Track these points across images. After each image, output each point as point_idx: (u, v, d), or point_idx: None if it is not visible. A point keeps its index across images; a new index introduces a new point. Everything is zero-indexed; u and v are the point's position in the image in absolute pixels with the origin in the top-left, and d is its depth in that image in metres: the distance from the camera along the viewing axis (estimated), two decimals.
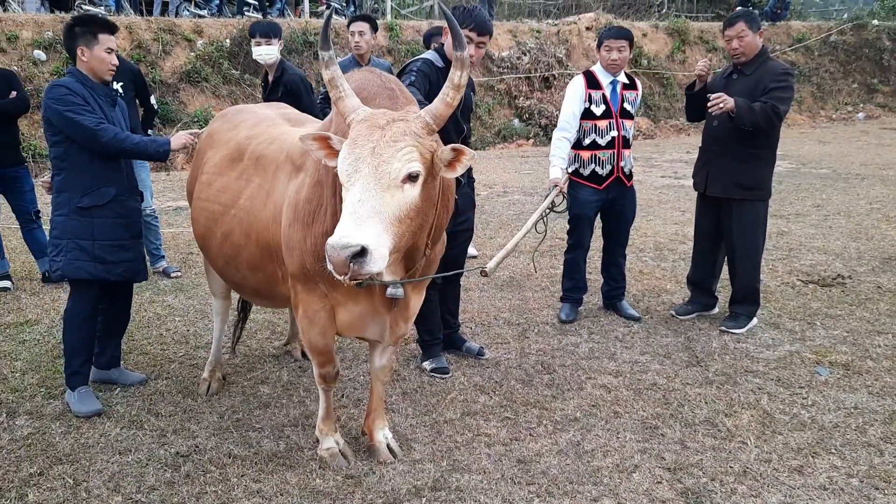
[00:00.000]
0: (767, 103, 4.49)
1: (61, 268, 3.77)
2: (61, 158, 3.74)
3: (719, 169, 4.79)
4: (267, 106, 4.16)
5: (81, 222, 3.75)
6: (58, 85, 3.72)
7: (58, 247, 3.77)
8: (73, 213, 3.74)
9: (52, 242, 3.81)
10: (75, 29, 3.78)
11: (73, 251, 3.74)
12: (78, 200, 3.73)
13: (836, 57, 20.95)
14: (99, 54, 3.76)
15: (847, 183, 10.56)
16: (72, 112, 3.62)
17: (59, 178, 3.78)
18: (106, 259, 3.78)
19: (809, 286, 5.86)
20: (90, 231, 3.75)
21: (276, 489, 3.13)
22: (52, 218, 3.79)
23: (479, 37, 3.89)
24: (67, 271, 3.77)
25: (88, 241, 3.75)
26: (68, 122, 3.63)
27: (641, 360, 4.48)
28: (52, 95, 3.67)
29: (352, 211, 2.38)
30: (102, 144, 3.66)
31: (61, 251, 3.76)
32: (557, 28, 17.86)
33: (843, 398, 3.98)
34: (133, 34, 12.98)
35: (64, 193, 3.76)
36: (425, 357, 4.33)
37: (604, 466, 3.33)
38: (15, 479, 3.18)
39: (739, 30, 4.65)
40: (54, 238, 3.79)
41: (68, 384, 3.84)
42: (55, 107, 3.64)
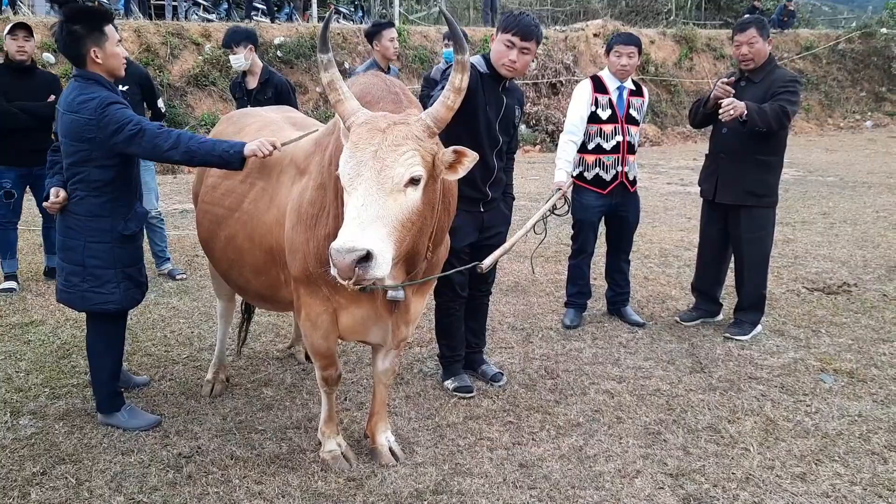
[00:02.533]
0: (776, 104, 4.48)
1: (117, 301, 3.48)
2: (107, 182, 3.38)
3: (730, 176, 4.77)
4: (272, 109, 4.18)
5: (128, 250, 3.52)
6: (111, 103, 3.25)
7: (101, 278, 3.44)
8: (118, 241, 3.45)
9: (93, 273, 3.42)
10: (77, 29, 3.29)
11: (124, 281, 3.50)
12: (123, 227, 3.45)
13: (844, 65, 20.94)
14: (112, 50, 3.38)
15: (854, 191, 10.54)
16: (136, 127, 3.21)
17: (98, 202, 3.40)
18: (141, 281, 3.65)
19: (815, 294, 5.84)
20: (133, 257, 3.56)
21: (278, 491, 3.13)
22: (88, 244, 3.42)
23: (523, 42, 3.65)
24: (126, 303, 3.55)
25: (132, 267, 3.55)
26: (132, 140, 3.22)
27: (645, 366, 4.47)
28: (111, 117, 3.21)
29: (355, 216, 2.39)
30: (182, 151, 3.23)
31: (108, 282, 3.45)
32: (565, 34, 17.90)
33: (848, 406, 3.96)
34: (141, 38, 13.07)
35: (105, 219, 3.41)
36: (447, 375, 4.16)
37: (606, 471, 3.32)
38: (18, 479, 3.19)
39: (750, 36, 4.64)
40: (96, 268, 3.42)
41: (112, 408, 3.65)
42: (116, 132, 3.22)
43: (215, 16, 16.65)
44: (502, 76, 3.79)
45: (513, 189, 4.19)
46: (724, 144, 4.79)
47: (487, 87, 3.75)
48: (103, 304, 3.48)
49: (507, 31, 3.69)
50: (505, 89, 3.86)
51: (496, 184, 3.91)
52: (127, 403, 3.73)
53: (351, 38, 14.81)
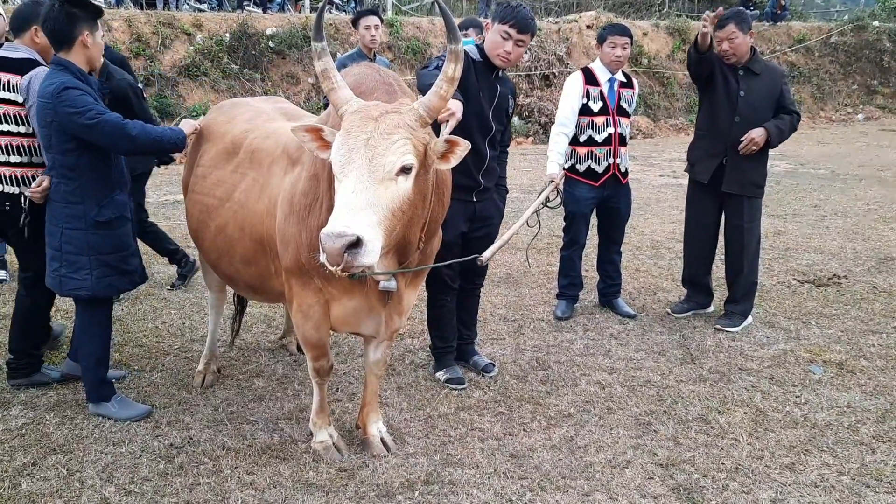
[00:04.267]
0: (793, 115, 4.75)
1: (89, 287, 3.49)
2: (71, 168, 3.42)
3: (739, 167, 4.76)
4: (264, 100, 4.16)
5: (103, 236, 3.50)
6: (68, 87, 3.30)
7: (75, 264, 3.47)
8: (92, 227, 3.47)
9: (67, 258, 3.47)
10: (75, 11, 3.37)
11: (99, 268, 3.49)
12: (97, 213, 3.46)
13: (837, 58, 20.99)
14: (99, 41, 3.50)
15: (845, 184, 10.58)
16: (93, 114, 3.29)
17: (69, 189, 3.44)
18: (127, 270, 3.62)
19: (805, 285, 5.87)
20: (111, 244, 3.53)
21: (270, 481, 3.14)
22: (64, 231, 3.47)
23: (519, 34, 3.68)
24: (98, 290, 3.52)
25: (111, 255, 3.53)
26: (91, 127, 3.29)
27: (636, 358, 4.49)
28: (65, 101, 3.28)
29: (346, 202, 2.39)
30: (133, 139, 3.35)
31: (81, 269, 3.47)
32: (558, 26, 17.87)
33: (837, 397, 3.99)
34: (132, 27, 12.98)
35: (77, 206, 3.45)
36: (439, 367, 4.18)
37: (596, 462, 3.34)
38: (9, 469, 3.18)
39: (730, 32, 4.63)
40: (69, 254, 3.46)
41: (102, 398, 3.65)
42: (72, 115, 3.28)
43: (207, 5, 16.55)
44: (495, 65, 3.79)
45: (506, 181, 4.19)
46: (735, 133, 4.73)
47: (480, 75, 3.77)
48: (76, 289, 3.52)
49: (504, 21, 3.70)
50: (498, 78, 3.87)
51: (489, 173, 3.91)
52: (118, 394, 3.73)
53: (343, 29, 14.73)
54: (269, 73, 14.04)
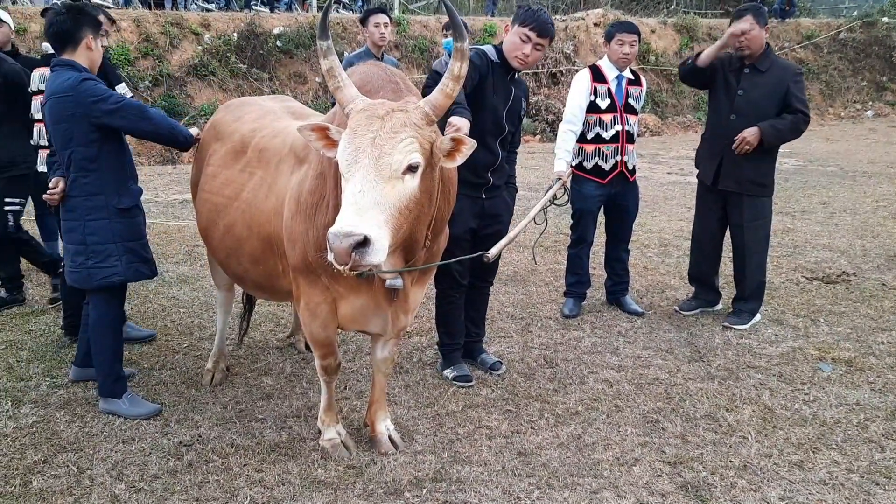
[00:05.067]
0: (797, 115, 4.61)
1: (121, 273, 3.57)
2: (91, 160, 3.50)
3: (734, 164, 4.76)
4: (271, 99, 4.17)
5: (126, 223, 3.60)
6: (86, 79, 3.45)
7: (102, 253, 3.53)
8: (114, 215, 3.56)
9: (94, 249, 3.53)
10: (82, 16, 3.56)
11: (126, 254, 3.58)
12: (118, 202, 3.56)
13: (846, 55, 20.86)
14: (100, 47, 3.68)
15: (854, 181, 10.53)
16: (115, 98, 3.47)
17: (88, 181, 3.52)
18: (147, 258, 3.71)
19: (814, 283, 5.85)
20: (133, 231, 3.64)
21: (278, 479, 3.15)
22: (87, 223, 3.53)
23: (539, 38, 3.71)
24: (130, 275, 3.62)
25: (135, 241, 3.64)
26: (115, 111, 3.44)
27: (644, 355, 4.48)
28: (86, 90, 3.40)
29: (353, 201, 2.39)
30: (152, 121, 3.53)
31: (110, 256, 3.54)
32: (565, 24, 17.83)
33: (845, 394, 3.98)
34: (141, 27, 13.04)
35: (98, 196, 3.53)
36: (446, 364, 4.18)
37: (604, 459, 3.34)
38: (20, 467, 3.21)
39: (748, 23, 4.63)
40: (95, 245, 3.53)
41: (114, 393, 3.68)
42: (96, 103, 3.40)
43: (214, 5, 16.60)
44: (512, 67, 3.81)
45: (515, 180, 4.19)
46: (730, 131, 4.74)
47: (497, 77, 3.80)
48: (108, 277, 3.56)
49: (524, 24, 3.72)
50: (513, 80, 3.89)
51: (499, 172, 3.93)
52: (129, 391, 3.75)
53: (350, 28, 14.76)
54: (277, 72, 14.07)
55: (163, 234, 7.21)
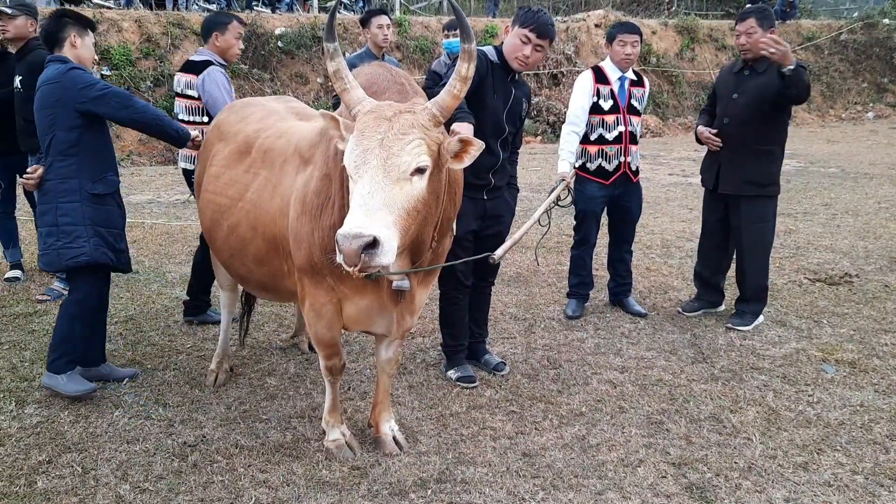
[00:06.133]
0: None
1: (88, 253, 3.71)
2: (71, 144, 3.72)
3: (731, 166, 4.78)
4: (275, 99, 4.17)
5: (97, 209, 3.78)
6: (74, 69, 3.72)
7: (72, 234, 3.71)
8: (86, 200, 3.75)
9: (64, 230, 3.71)
10: (66, 18, 3.85)
11: (95, 237, 3.75)
12: (91, 187, 3.76)
13: (846, 56, 20.86)
14: (88, 44, 3.88)
15: (855, 182, 10.53)
16: (101, 85, 3.69)
17: (65, 165, 3.73)
18: (115, 247, 3.85)
19: (816, 284, 5.85)
20: (105, 218, 3.81)
21: (283, 479, 3.15)
22: (59, 205, 3.73)
23: (539, 39, 3.71)
24: (96, 256, 3.74)
25: (104, 227, 3.80)
26: (100, 98, 3.67)
27: (647, 356, 4.48)
28: (74, 77, 3.67)
29: (362, 203, 2.39)
30: (138, 110, 3.76)
31: (79, 237, 3.71)
32: (566, 25, 17.83)
33: (849, 396, 3.98)
34: (142, 28, 13.04)
35: (72, 180, 3.74)
36: (450, 365, 4.18)
37: (609, 461, 3.34)
38: (24, 467, 3.21)
39: (749, 26, 4.63)
40: (66, 225, 3.71)
41: (57, 370, 3.78)
42: (82, 89, 3.66)
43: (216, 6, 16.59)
44: (512, 68, 3.81)
45: (517, 180, 4.19)
46: (725, 135, 4.78)
47: (497, 77, 3.80)
48: (75, 257, 3.72)
49: (524, 26, 3.72)
50: (514, 81, 3.89)
51: (500, 173, 3.93)
52: (73, 372, 3.85)
53: (352, 29, 14.75)
54: (278, 72, 14.07)
55: (165, 235, 7.21)
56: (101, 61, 12.35)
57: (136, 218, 7.86)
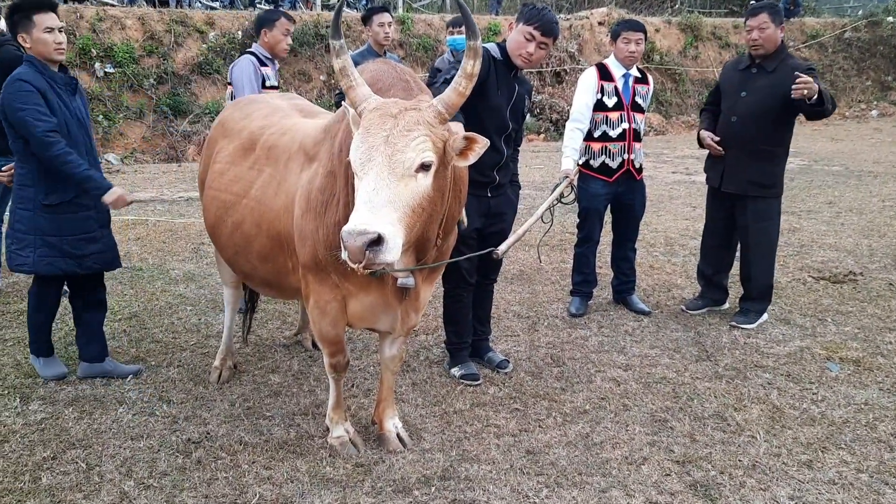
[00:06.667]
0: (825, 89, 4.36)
1: (31, 264, 3.77)
2: (21, 153, 3.70)
3: (736, 166, 4.76)
4: (280, 96, 4.17)
5: (48, 219, 3.74)
6: (17, 79, 3.61)
7: (22, 241, 3.75)
8: (39, 209, 3.72)
9: (16, 236, 3.77)
10: (13, 18, 3.68)
11: (42, 248, 3.74)
12: (44, 198, 3.71)
13: (850, 54, 20.82)
14: (38, 36, 3.64)
15: (860, 180, 10.51)
16: (25, 113, 3.56)
17: (23, 172, 3.74)
18: (75, 254, 3.81)
19: (821, 283, 5.84)
20: (58, 227, 3.75)
21: (287, 476, 3.15)
22: (16, 210, 3.78)
23: (543, 37, 3.70)
24: (38, 268, 3.79)
25: (56, 237, 3.75)
26: (21, 123, 3.58)
27: (651, 354, 4.48)
28: (9, 90, 3.60)
29: (367, 200, 2.39)
30: (47, 157, 3.60)
31: (27, 246, 3.75)
32: (570, 22, 17.81)
33: (854, 394, 3.97)
34: (146, 26, 13.05)
35: (29, 188, 3.73)
36: (454, 363, 4.18)
37: (613, 458, 3.34)
38: (29, 463, 3.21)
39: (761, 21, 4.59)
40: (19, 232, 3.76)
41: (34, 353, 4.05)
42: (11, 103, 3.58)
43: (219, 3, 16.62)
44: (515, 65, 3.80)
45: (519, 177, 4.19)
46: (732, 134, 4.77)
47: (500, 74, 3.79)
48: (20, 265, 3.82)
49: (529, 23, 3.71)
50: (516, 77, 3.88)
51: (504, 170, 3.93)
52: (52, 356, 4.07)
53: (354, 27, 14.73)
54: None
55: (168, 232, 7.21)
56: (104, 59, 12.36)
57: (139, 215, 7.87)
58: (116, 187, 3.75)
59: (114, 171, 10.78)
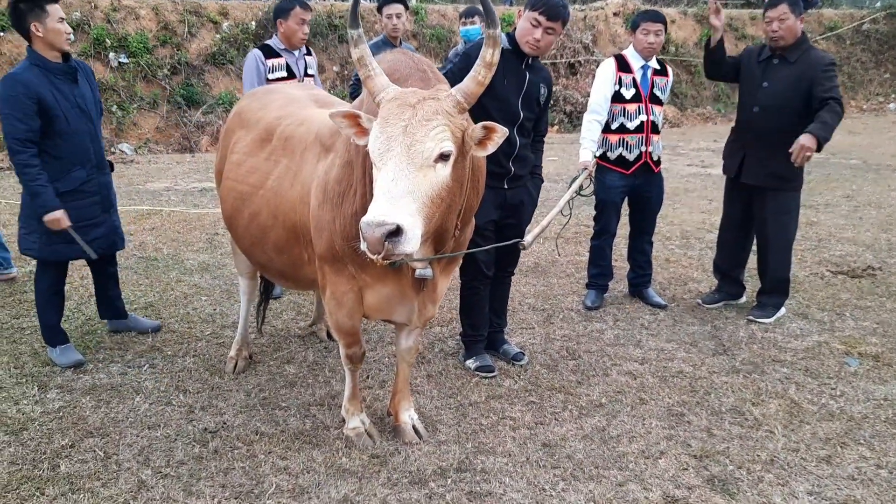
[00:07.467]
0: (833, 107, 4.37)
1: (37, 250, 3.93)
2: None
3: (756, 157, 4.71)
4: (296, 86, 4.16)
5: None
6: (9, 78, 3.72)
7: (29, 227, 3.91)
8: None
9: (25, 221, 3.92)
10: (21, 6, 3.72)
11: (47, 234, 3.86)
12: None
13: (869, 46, 20.55)
14: (53, 26, 3.75)
15: (878, 174, 10.39)
16: (6, 117, 3.70)
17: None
18: (74, 239, 3.91)
19: (839, 277, 5.78)
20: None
21: (303, 467, 3.16)
22: (24, 196, 3.90)
23: (549, 21, 3.65)
24: (44, 254, 3.94)
25: None
26: (4, 120, 3.72)
27: (667, 348, 4.45)
28: (2, 88, 3.72)
29: (386, 190, 2.37)
30: (13, 162, 3.76)
31: (34, 232, 3.89)
32: (584, 13, 17.68)
33: (873, 389, 3.93)
34: (159, 16, 13.05)
35: None
36: (469, 354, 4.18)
37: (629, 452, 3.32)
38: (47, 451, 3.23)
39: (781, 12, 4.54)
40: (27, 218, 3.90)
41: (49, 343, 4.12)
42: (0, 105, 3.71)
43: None
44: (525, 53, 3.76)
45: (541, 170, 4.14)
46: (752, 124, 4.72)
47: (508, 63, 3.73)
48: (26, 249, 3.98)
49: (534, 9, 3.67)
50: (528, 66, 3.83)
51: (520, 161, 3.88)
52: (66, 344, 4.12)
53: (368, 17, 14.70)
54: None
55: (182, 223, 7.22)
56: (118, 49, 12.38)
57: (153, 206, 7.89)
58: (58, 211, 3.79)
59: (128, 161, 10.82)
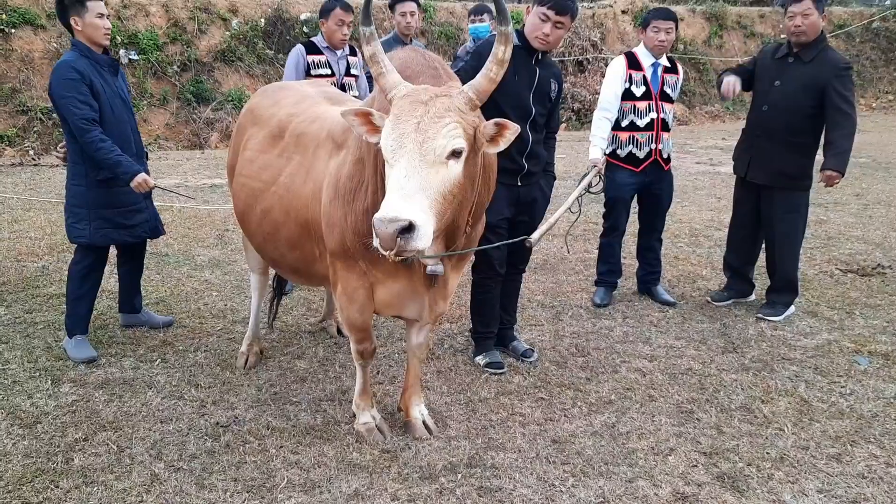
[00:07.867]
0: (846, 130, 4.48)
1: (87, 236, 4.05)
2: (71, 132, 3.92)
3: (764, 156, 4.71)
4: (308, 83, 4.17)
5: (101, 193, 4.03)
6: (63, 64, 3.86)
7: (78, 215, 4.05)
8: (92, 185, 4.00)
9: (72, 210, 4.06)
10: (64, 2, 3.90)
11: (97, 220, 4.05)
12: (96, 174, 3.99)
13: (878, 44, 20.44)
14: (91, 21, 3.91)
15: (888, 172, 10.36)
16: (67, 101, 3.82)
17: (74, 149, 3.99)
18: (126, 224, 4.14)
19: (848, 275, 5.77)
20: (109, 201, 4.05)
21: (314, 461, 3.18)
22: (69, 186, 4.07)
23: (557, 16, 3.64)
24: (95, 240, 4.08)
25: (109, 209, 4.06)
26: (64, 108, 3.84)
27: (676, 346, 4.45)
28: (56, 75, 3.86)
29: (398, 187, 2.39)
30: (82, 142, 3.87)
31: (82, 220, 4.04)
32: (592, 11, 17.64)
33: (883, 388, 3.93)
34: (169, 13, 13.09)
35: (80, 165, 4.00)
36: (478, 351, 4.20)
37: (639, 449, 3.33)
38: (61, 444, 3.27)
39: (805, 7, 4.48)
40: (74, 206, 4.05)
41: (69, 332, 4.17)
42: (57, 90, 3.85)
43: None
44: (535, 49, 3.77)
45: (554, 167, 4.15)
46: (762, 123, 4.72)
47: (518, 59, 3.73)
48: (77, 237, 4.10)
49: (542, 4, 3.67)
50: (539, 62, 3.84)
51: (533, 157, 3.88)
52: (83, 336, 4.18)
53: (378, 14, 14.71)
54: None
55: (193, 219, 7.26)
56: (128, 45, 12.43)
57: (164, 202, 7.92)
58: (142, 174, 3.97)
59: None
